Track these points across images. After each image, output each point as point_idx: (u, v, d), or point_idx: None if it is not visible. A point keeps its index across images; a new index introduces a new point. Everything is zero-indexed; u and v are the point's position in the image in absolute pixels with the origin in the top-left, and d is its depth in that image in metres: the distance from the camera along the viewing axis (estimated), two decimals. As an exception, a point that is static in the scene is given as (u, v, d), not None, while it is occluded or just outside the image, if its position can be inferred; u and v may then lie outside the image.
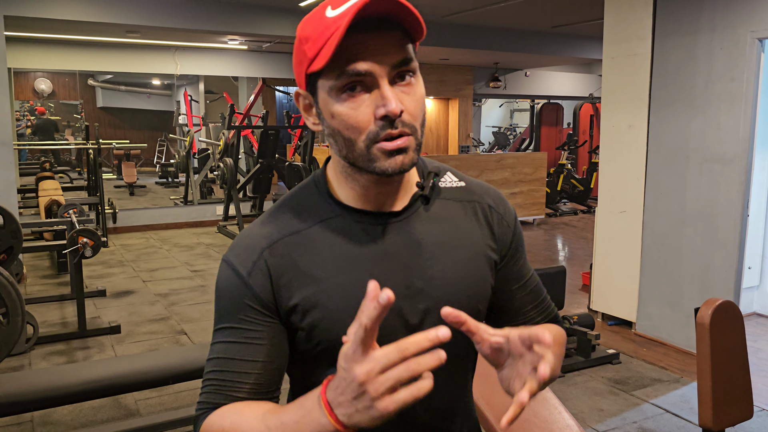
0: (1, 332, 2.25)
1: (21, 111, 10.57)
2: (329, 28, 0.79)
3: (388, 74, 0.81)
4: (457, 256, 0.94)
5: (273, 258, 0.88)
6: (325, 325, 0.87)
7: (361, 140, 0.83)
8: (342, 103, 0.82)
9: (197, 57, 8.77)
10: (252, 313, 0.88)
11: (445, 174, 1.00)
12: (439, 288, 0.92)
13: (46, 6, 5.70)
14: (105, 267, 6.23)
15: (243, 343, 0.87)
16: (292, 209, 0.93)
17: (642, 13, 4.05)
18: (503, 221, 1.01)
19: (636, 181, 4.18)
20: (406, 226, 0.92)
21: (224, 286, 0.90)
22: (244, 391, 0.87)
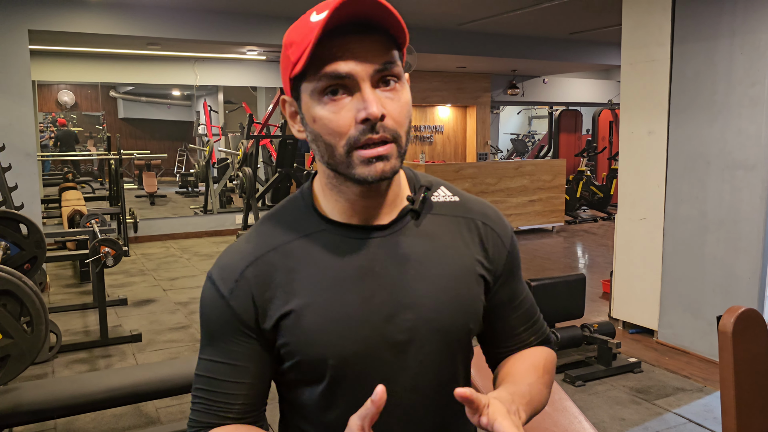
0: (25, 341, 2.28)
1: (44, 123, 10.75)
2: (312, 31, 0.78)
3: (370, 77, 0.80)
4: (446, 272, 0.90)
5: (254, 276, 0.86)
6: (301, 346, 0.85)
7: (342, 145, 0.81)
8: (323, 106, 0.81)
9: (216, 68, 8.87)
10: (236, 334, 0.86)
11: (438, 188, 0.97)
12: (427, 305, 0.88)
13: (68, 20, 5.81)
14: (126, 276, 6.30)
15: (228, 364, 0.87)
16: (276, 223, 0.91)
17: (661, 18, 4.02)
18: (499, 240, 0.97)
19: (656, 188, 4.15)
20: (393, 240, 0.89)
21: (207, 305, 0.89)
22: (233, 412, 0.87)
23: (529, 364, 0.98)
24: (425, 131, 11.21)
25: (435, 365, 0.90)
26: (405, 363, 0.88)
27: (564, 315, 3.79)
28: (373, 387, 0.78)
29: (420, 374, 0.89)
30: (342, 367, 0.85)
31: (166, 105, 11.70)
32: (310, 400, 0.90)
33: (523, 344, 1.03)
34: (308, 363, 0.86)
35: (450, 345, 0.91)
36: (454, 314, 0.90)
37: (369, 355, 0.86)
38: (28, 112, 5.70)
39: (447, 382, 0.92)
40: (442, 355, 0.91)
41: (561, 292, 3.76)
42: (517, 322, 1.02)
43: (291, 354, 0.86)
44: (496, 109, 13.73)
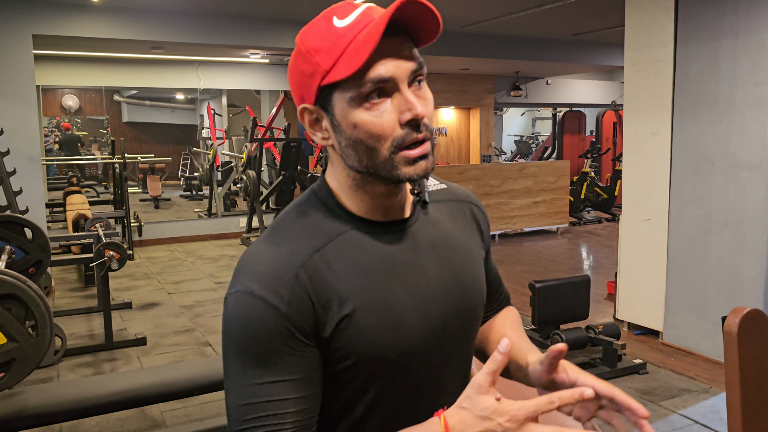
0: (29, 344, 2.29)
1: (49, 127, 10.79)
2: (344, 37, 0.78)
3: (407, 80, 0.81)
4: (459, 255, 0.97)
5: (309, 280, 0.82)
6: (360, 346, 0.83)
7: (386, 147, 0.81)
8: (365, 111, 0.80)
9: (220, 71, 8.89)
10: (295, 345, 0.81)
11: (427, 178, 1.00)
12: (452, 288, 0.93)
13: (73, 24, 5.83)
14: (131, 279, 6.31)
15: (283, 381, 0.80)
16: (305, 227, 0.88)
17: (663, 19, 4.02)
18: (483, 218, 1.07)
19: (660, 189, 4.14)
20: (413, 231, 0.93)
21: (250, 322, 0.80)
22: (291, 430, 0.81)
23: (510, 323, 1.09)
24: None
25: (465, 341, 0.98)
26: (442, 345, 0.92)
27: (569, 316, 3.78)
28: (429, 375, 0.90)
29: (455, 354, 0.95)
30: (404, 360, 0.87)
31: (170, 108, 11.73)
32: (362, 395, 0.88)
33: (498, 305, 1.15)
34: (367, 362, 0.84)
35: (473, 321, 0.98)
36: (474, 292, 0.97)
37: (422, 343, 0.89)
38: (33, 117, 5.71)
39: (467, 354, 0.99)
40: (469, 332, 0.98)
41: (566, 293, 3.76)
42: (493, 287, 1.12)
43: (347, 356, 0.84)
44: (499, 111, 13.72)
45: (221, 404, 3.38)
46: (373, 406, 0.88)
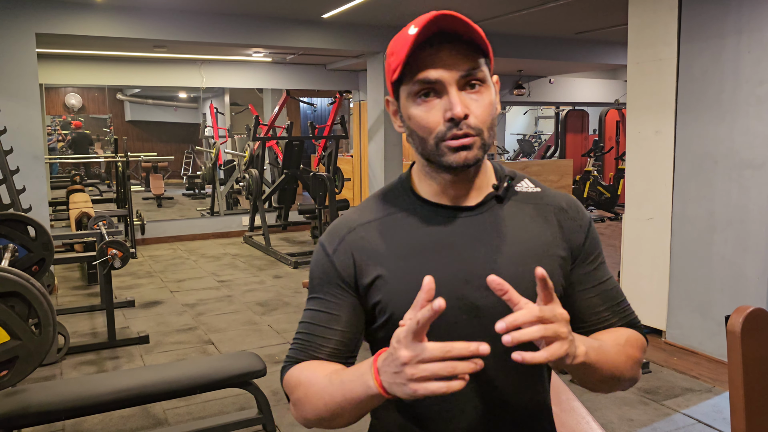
0: (32, 342, 2.29)
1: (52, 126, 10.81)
2: (407, 43, 0.92)
3: (456, 82, 0.93)
4: (524, 252, 1.01)
5: (354, 240, 1.02)
6: (392, 303, 0.98)
7: (432, 138, 0.95)
8: (417, 106, 0.95)
9: (222, 70, 8.89)
10: (334, 287, 1.01)
11: (522, 180, 1.09)
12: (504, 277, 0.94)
13: (75, 23, 5.84)
14: (134, 278, 6.32)
15: (325, 312, 1.01)
16: (377, 201, 1.07)
17: (667, 17, 4.01)
18: (575, 224, 1.07)
19: (664, 188, 4.13)
20: (477, 220, 1.02)
21: (314, 261, 1.05)
22: (324, 353, 1.00)
23: (610, 336, 1.04)
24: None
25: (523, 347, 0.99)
26: (481, 327, 0.97)
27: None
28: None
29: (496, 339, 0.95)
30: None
31: (173, 107, 11.74)
32: None
33: (605, 323, 1.08)
34: (398, 318, 0.94)
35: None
36: (528, 288, 0.96)
37: (449, 317, 0.96)
38: (36, 115, 5.72)
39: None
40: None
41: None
42: (597, 301, 1.08)
43: (383, 310, 0.99)
44: (502, 110, 13.67)
45: (223, 402, 3.38)
46: None
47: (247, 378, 2.98)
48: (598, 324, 1.08)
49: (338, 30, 6.90)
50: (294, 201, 8.54)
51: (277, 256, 7.19)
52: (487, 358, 0.93)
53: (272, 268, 6.75)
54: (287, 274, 6.46)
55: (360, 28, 7.03)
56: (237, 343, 4.34)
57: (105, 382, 2.84)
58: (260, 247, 7.72)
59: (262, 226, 7.69)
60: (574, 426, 2.18)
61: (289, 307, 5.23)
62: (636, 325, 1.11)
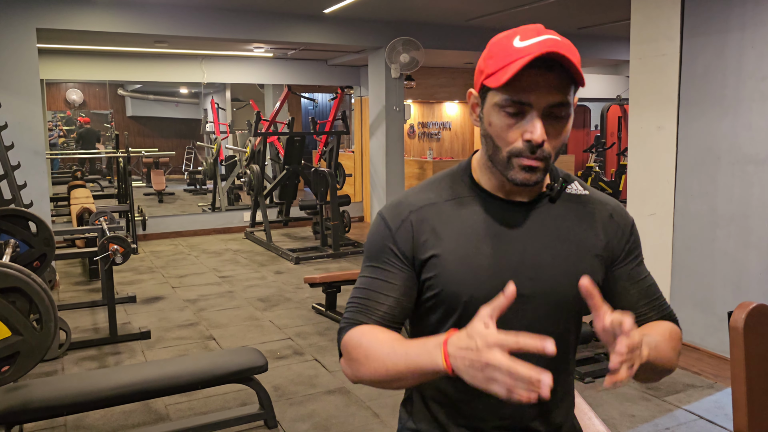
0: (34, 338, 2.29)
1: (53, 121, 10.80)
2: (511, 56, 0.96)
3: (543, 108, 0.98)
4: (568, 249, 1.10)
5: (416, 221, 1.09)
6: (444, 281, 1.07)
7: (506, 150, 1.02)
8: (501, 118, 1.00)
9: (224, 65, 8.87)
10: (392, 258, 1.09)
11: (573, 182, 1.16)
12: (547, 271, 1.08)
13: (76, 18, 5.83)
14: (135, 273, 6.32)
15: (382, 280, 1.09)
16: (438, 186, 1.14)
17: (670, 12, 3.99)
18: (619, 228, 1.16)
19: (666, 184, 4.12)
20: (529, 216, 1.10)
21: (375, 232, 1.13)
22: (377, 315, 1.08)
23: (656, 330, 1.12)
24: (433, 128, 11.19)
25: (548, 321, 1.09)
26: (523, 314, 1.07)
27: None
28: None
29: (534, 326, 1.06)
30: (472, 304, 1.03)
31: (174, 103, 11.72)
32: (440, 327, 1.11)
33: (644, 317, 1.17)
34: (447, 295, 1.07)
35: (562, 307, 1.10)
36: (570, 283, 1.07)
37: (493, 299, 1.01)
38: (37, 111, 5.72)
39: (557, 336, 1.05)
40: (556, 314, 1.10)
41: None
42: (636, 297, 1.16)
43: (434, 286, 1.08)
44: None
45: (225, 398, 3.38)
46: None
47: (249, 373, 2.98)
48: (637, 319, 1.14)
49: (340, 25, 6.89)
50: (295, 197, 8.54)
51: (278, 252, 7.19)
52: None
53: (273, 263, 6.75)
54: (288, 269, 6.46)
55: (361, 24, 7.01)
56: (238, 339, 4.34)
57: (106, 377, 2.84)
58: (261, 242, 7.72)
59: (264, 222, 7.69)
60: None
61: (290, 302, 5.23)
62: (673, 317, 1.21)
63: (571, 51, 0.96)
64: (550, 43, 0.95)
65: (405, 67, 7.02)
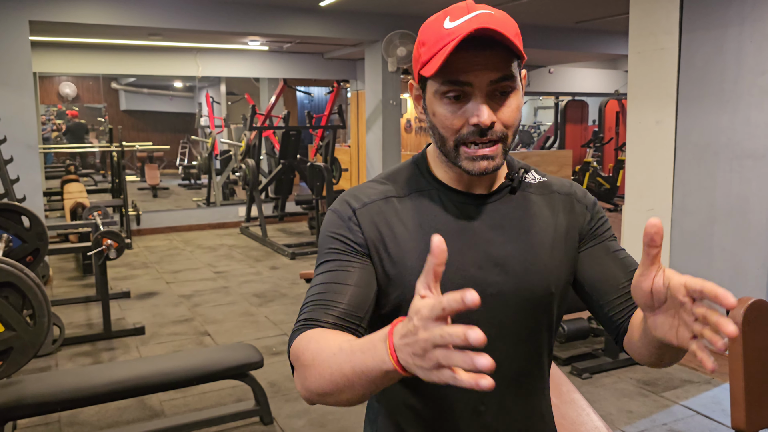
0: (27, 333, 2.26)
1: (46, 115, 10.73)
2: (443, 39, 0.91)
3: (486, 87, 0.92)
4: (533, 240, 1.04)
5: (373, 212, 1.01)
6: (405, 282, 0.98)
7: (452, 139, 0.96)
8: (443, 105, 0.95)
9: (218, 59, 8.82)
10: (346, 248, 0.99)
11: (530, 171, 1.11)
12: (514, 266, 1.01)
13: (69, 10, 5.77)
14: (129, 269, 6.28)
15: (337, 270, 0.97)
16: (395, 179, 1.07)
17: (668, 6, 3.97)
18: (581, 205, 1.10)
19: (664, 179, 4.10)
20: (491, 207, 1.04)
21: (325, 228, 1.03)
22: (338, 309, 0.94)
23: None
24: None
25: (518, 319, 1.03)
26: (492, 313, 1.01)
27: (571, 307, 3.76)
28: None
29: (504, 325, 1.02)
30: None
31: (168, 96, 11.66)
32: None
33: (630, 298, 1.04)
34: (409, 297, 0.91)
35: (532, 303, 1.03)
36: (539, 276, 1.03)
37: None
38: (30, 104, 5.66)
39: (528, 337, 1.05)
40: (525, 311, 1.03)
41: (567, 283, 3.73)
42: (617, 272, 1.06)
43: (394, 287, 0.99)
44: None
45: (220, 394, 3.36)
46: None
47: (244, 369, 2.96)
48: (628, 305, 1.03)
49: (336, 18, 6.84)
50: (291, 191, 8.50)
51: (273, 247, 7.16)
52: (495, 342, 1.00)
53: (269, 259, 6.73)
54: (284, 265, 6.43)
55: (358, 17, 6.97)
56: (233, 335, 4.32)
57: (101, 373, 2.81)
58: (257, 237, 7.69)
59: (259, 217, 7.66)
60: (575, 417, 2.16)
61: (286, 298, 5.21)
62: None
63: (504, 24, 0.90)
64: (483, 18, 0.90)
65: (402, 60, 6.99)
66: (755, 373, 1.87)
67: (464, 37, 0.87)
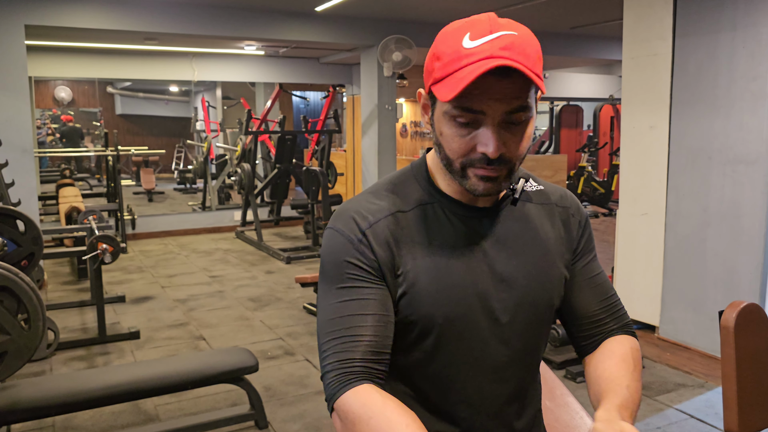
0: (22, 337, 2.26)
1: (42, 119, 10.71)
2: (460, 60, 0.86)
3: (500, 117, 0.89)
4: (536, 253, 1.04)
5: (381, 231, 0.97)
6: (415, 298, 0.97)
7: (458, 162, 0.94)
8: (452, 128, 0.91)
9: (214, 63, 8.82)
10: (360, 272, 0.96)
11: (528, 179, 1.10)
12: (520, 281, 1.02)
13: (65, 15, 5.77)
14: (124, 273, 6.27)
15: (356, 299, 0.95)
16: (397, 189, 1.03)
17: (662, 12, 4.00)
18: (575, 221, 1.11)
19: (658, 183, 4.12)
20: (495, 221, 1.03)
21: (332, 250, 0.98)
22: (365, 344, 0.92)
23: (618, 359, 1.05)
24: (425, 127, 11.18)
25: (524, 332, 1.04)
26: (499, 328, 1.02)
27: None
28: (471, 346, 1.00)
29: (511, 339, 1.03)
30: (447, 325, 0.98)
31: (164, 101, 11.66)
32: (417, 353, 1.02)
33: (604, 330, 1.11)
34: (421, 317, 0.98)
35: (537, 316, 1.05)
36: (542, 289, 1.04)
37: (470, 319, 0.99)
38: (25, 108, 5.66)
39: (532, 347, 1.07)
40: (531, 324, 1.05)
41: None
42: (591, 297, 1.10)
43: (406, 307, 0.98)
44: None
45: (215, 398, 3.36)
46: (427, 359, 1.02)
47: (239, 374, 2.96)
48: (598, 331, 1.11)
49: (332, 23, 6.86)
50: (286, 196, 8.51)
51: (269, 252, 7.16)
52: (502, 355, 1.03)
53: (264, 263, 6.72)
54: (279, 269, 6.43)
55: (354, 21, 6.99)
56: (229, 339, 4.31)
57: (95, 377, 2.81)
58: (252, 242, 7.69)
59: (254, 221, 7.66)
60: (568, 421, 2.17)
61: (281, 302, 5.20)
62: (629, 326, 1.13)
63: (526, 51, 0.86)
64: (504, 43, 0.85)
65: (397, 65, 7.01)
66: (747, 376, 1.88)
67: (483, 73, 0.83)
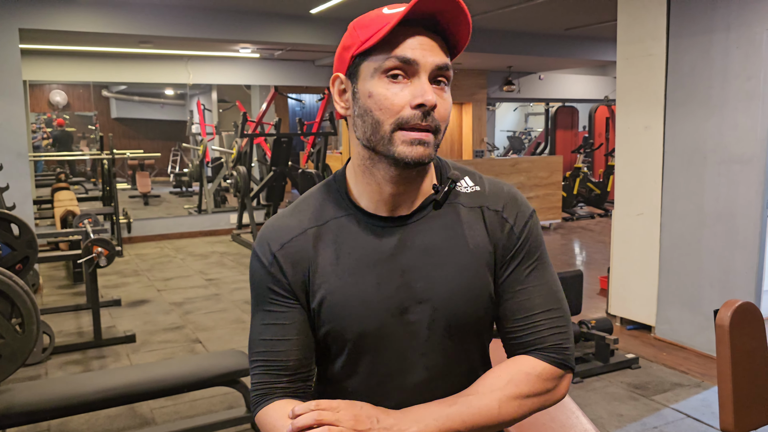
0: (16, 341, 2.25)
1: (37, 123, 10.68)
2: (385, 18, 0.89)
3: (429, 71, 0.88)
4: (459, 262, 0.96)
5: (292, 251, 0.97)
6: (329, 319, 0.96)
7: (390, 122, 0.88)
8: (383, 85, 0.88)
9: (210, 66, 8.82)
10: (275, 297, 0.97)
11: (463, 178, 1.02)
12: (440, 293, 0.96)
13: (60, 18, 5.76)
14: (120, 276, 6.25)
15: (274, 324, 0.97)
16: (310, 205, 1.01)
17: (656, 13, 4.01)
18: (507, 226, 0.99)
19: (653, 183, 4.13)
20: (414, 229, 0.97)
21: (252, 274, 1.01)
22: (285, 370, 0.97)
23: (496, 373, 0.98)
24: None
25: (445, 347, 0.98)
26: (417, 342, 0.97)
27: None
28: (388, 361, 0.96)
29: (431, 354, 0.98)
30: (359, 342, 0.96)
31: (159, 104, 11.64)
32: (334, 368, 1.01)
33: (515, 342, 1.01)
34: (333, 335, 0.97)
35: (460, 329, 0.98)
36: (465, 302, 0.97)
37: (383, 334, 0.96)
38: (20, 112, 5.65)
39: (457, 363, 1.00)
40: (453, 338, 0.98)
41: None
42: (509, 311, 1.00)
43: (320, 325, 0.97)
44: (492, 106, 13.71)
45: (211, 401, 3.35)
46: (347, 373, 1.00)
47: (235, 376, 2.95)
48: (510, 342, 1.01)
49: (326, 25, 6.87)
50: (282, 198, 8.49)
51: (265, 254, 7.14)
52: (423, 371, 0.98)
53: (261, 265, 6.71)
54: (276, 271, 6.42)
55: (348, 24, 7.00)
56: (225, 342, 4.30)
57: (91, 381, 2.80)
58: (248, 245, 7.67)
59: (251, 224, 7.64)
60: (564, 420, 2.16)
61: (277, 304, 5.20)
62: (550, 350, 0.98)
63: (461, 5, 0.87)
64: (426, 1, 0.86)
65: (392, 67, 7.02)
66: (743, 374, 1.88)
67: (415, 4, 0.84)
